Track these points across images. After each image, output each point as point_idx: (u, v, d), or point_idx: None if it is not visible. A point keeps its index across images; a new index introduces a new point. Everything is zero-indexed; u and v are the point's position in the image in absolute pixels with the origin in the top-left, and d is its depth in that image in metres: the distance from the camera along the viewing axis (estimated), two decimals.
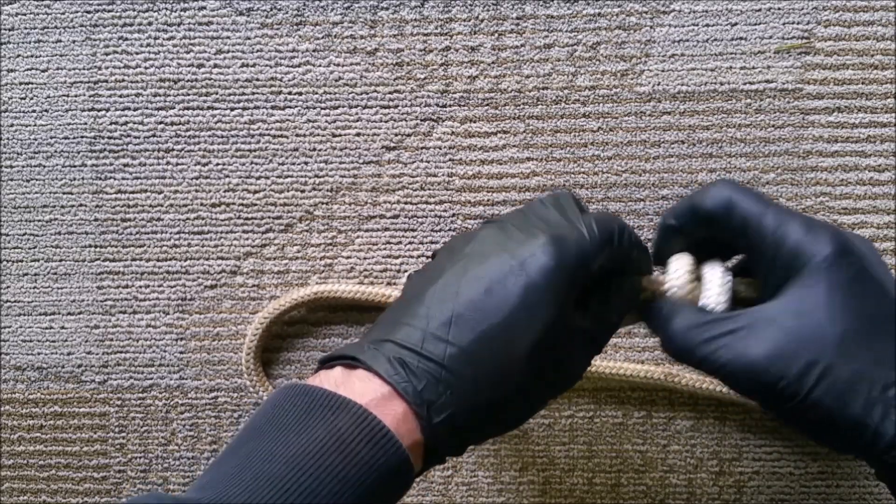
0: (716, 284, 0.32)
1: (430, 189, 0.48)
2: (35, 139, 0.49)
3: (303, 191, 0.48)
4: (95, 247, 0.49)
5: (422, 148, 0.48)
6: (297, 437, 0.28)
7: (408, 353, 0.29)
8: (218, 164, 0.49)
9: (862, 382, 0.28)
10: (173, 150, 0.49)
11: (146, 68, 0.48)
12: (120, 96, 0.49)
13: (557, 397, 0.33)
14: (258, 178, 0.48)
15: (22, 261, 0.50)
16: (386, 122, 0.48)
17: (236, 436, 0.30)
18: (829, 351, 0.28)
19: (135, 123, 0.49)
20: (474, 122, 0.48)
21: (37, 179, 0.49)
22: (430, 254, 0.48)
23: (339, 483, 0.27)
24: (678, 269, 0.33)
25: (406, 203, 0.48)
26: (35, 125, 0.49)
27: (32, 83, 0.49)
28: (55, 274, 0.49)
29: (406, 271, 0.48)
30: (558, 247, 0.30)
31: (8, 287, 0.50)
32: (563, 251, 0.30)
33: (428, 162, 0.48)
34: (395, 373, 0.29)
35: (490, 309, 0.29)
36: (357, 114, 0.48)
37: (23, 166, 0.49)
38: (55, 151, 0.49)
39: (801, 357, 0.28)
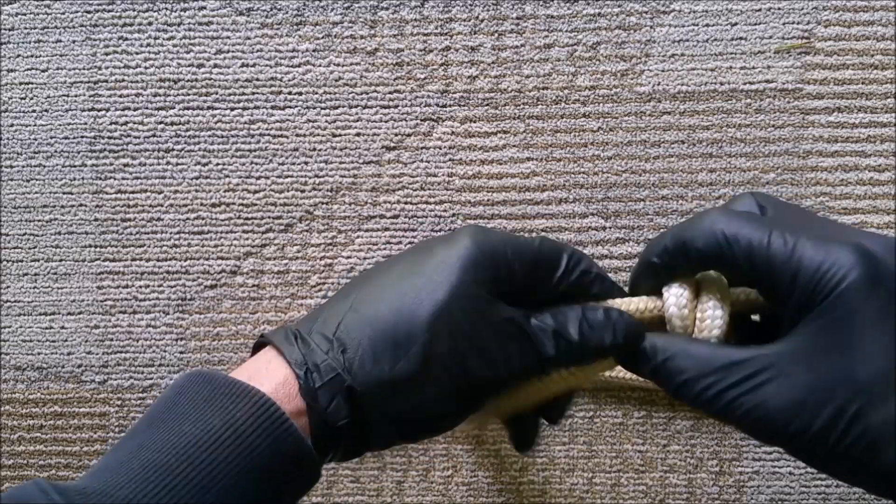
0: (713, 319, 0.30)
1: (430, 189, 0.48)
2: (35, 139, 0.49)
3: (303, 191, 0.48)
4: (95, 247, 0.49)
5: (422, 148, 0.48)
6: (192, 427, 0.26)
7: (305, 323, 0.30)
8: (218, 164, 0.49)
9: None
10: (173, 150, 0.49)
11: (146, 68, 0.48)
12: (120, 96, 0.49)
13: (490, 399, 0.31)
14: (258, 178, 0.48)
15: (22, 261, 0.50)
16: (386, 122, 0.48)
17: (138, 420, 0.29)
18: (859, 396, 0.25)
19: (135, 123, 0.49)
20: (474, 122, 0.48)
21: (37, 179, 0.49)
22: None
23: (233, 476, 0.26)
24: (677, 297, 0.30)
25: (406, 203, 0.48)
26: (35, 125, 0.49)
27: (32, 83, 0.49)
28: (55, 274, 0.49)
29: None
30: (472, 234, 0.30)
31: (8, 287, 0.50)
32: (476, 238, 0.30)
33: (428, 162, 0.48)
34: (285, 341, 0.29)
35: (398, 280, 0.30)
36: (357, 114, 0.48)
37: (23, 166, 0.49)
38: (55, 151, 0.49)
39: (828, 404, 0.25)
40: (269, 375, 0.28)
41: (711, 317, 0.30)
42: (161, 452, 0.26)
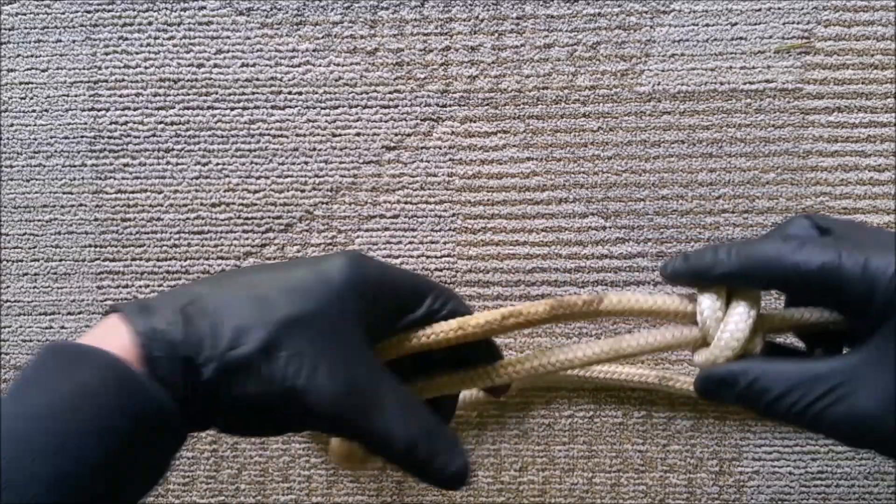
0: (734, 324, 0.30)
1: (430, 189, 0.48)
2: (35, 139, 0.49)
3: (303, 191, 0.48)
4: (95, 247, 0.49)
5: (422, 148, 0.48)
6: (39, 395, 0.26)
7: (159, 297, 0.30)
8: (218, 164, 0.49)
9: None
10: (173, 150, 0.49)
11: (146, 68, 0.48)
12: (120, 96, 0.49)
13: (308, 429, 0.31)
14: (258, 178, 0.48)
15: (22, 261, 0.50)
16: (386, 122, 0.48)
17: None
18: None
19: (135, 123, 0.49)
20: (474, 122, 0.48)
21: (37, 179, 0.49)
22: (429, 253, 0.48)
23: (87, 435, 0.26)
24: (713, 305, 0.31)
25: (406, 203, 0.48)
26: (35, 125, 0.49)
27: (32, 83, 0.49)
28: (55, 274, 0.49)
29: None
30: (351, 257, 0.31)
31: (8, 287, 0.50)
32: (354, 261, 0.30)
33: (428, 162, 0.48)
34: (131, 310, 0.29)
35: (268, 277, 0.30)
36: (357, 114, 0.48)
37: (23, 166, 0.49)
38: (55, 151, 0.49)
39: None
40: (113, 342, 0.28)
41: (740, 316, 0.30)
42: (14, 420, 0.26)
